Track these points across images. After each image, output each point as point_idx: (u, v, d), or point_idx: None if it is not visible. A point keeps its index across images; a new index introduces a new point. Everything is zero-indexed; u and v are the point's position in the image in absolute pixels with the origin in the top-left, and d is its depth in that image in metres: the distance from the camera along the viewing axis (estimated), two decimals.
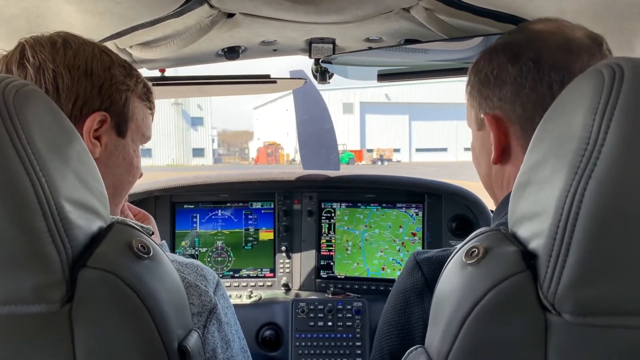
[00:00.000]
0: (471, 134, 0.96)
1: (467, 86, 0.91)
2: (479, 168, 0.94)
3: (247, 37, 1.25)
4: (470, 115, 0.93)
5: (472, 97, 0.90)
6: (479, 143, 0.91)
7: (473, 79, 0.88)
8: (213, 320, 0.77)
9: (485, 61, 0.84)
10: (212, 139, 61.17)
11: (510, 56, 0.80)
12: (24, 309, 0.55)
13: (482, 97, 0.85)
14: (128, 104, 0.86)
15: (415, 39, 1.26)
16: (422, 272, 0.82)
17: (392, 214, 1.81)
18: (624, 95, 0.47)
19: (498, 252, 0.55)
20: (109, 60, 0.83)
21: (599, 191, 0.47)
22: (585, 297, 0.50)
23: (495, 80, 0.82)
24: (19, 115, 0.53)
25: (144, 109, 0.91)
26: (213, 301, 0.78)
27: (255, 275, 1.85)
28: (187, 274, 0.78)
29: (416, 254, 0.84)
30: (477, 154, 0.93)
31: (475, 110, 0.89)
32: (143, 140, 0.93)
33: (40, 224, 0.53)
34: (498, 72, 0.81)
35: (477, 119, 0.89)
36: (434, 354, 0.58)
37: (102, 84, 0.81)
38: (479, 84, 0.85)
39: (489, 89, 0.83)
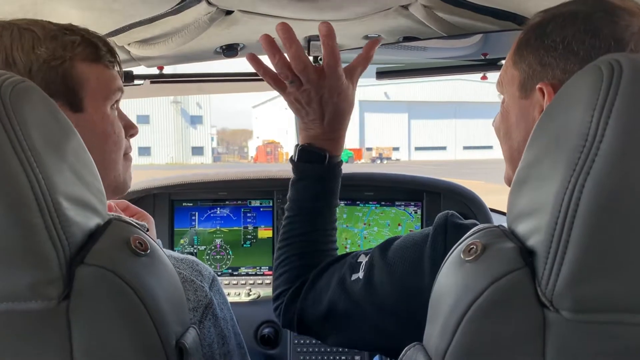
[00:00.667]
0: (505, 100, 0.87)
1: (519, 47, 0.82)
2: (508, 139, 0.87)
3: (245, 35, 1.25)
4: (511, 79, 0.85)
5: (523, 61, 0.81)
6: (518, 112, 0.83)
7: (534, 42, 0.79)
8: (209, 315, 0.77)
9: (556, 26, 0.76)
10: (212, 138, 61.18)
11: (590, 29, 0.73)
12: (20, 306, 0.55)
13: (540, 64, 0.78)
14: (70, 75, 0.79)
15: (414, 36, 1.25)
16: (445, 237, 0.79)
17: (390, 212, 1.81)
18: (622, 92, 0.47)
19: (496, 248, 0.55)
20: (31, 38, 0.77)
21: (597, 188, 0.47)
22: (583, 294, 0.50)
23: (564, 49, 0.75)
24: (15, 112, 0.53)
25: (99, 68, 0.83)
26: (209, 296, 0.77)
27: (254, 273, 1.85)
28: (183, 269, 0.77)
29: (450, 214, 0.82)
30: (512, 124, 0.85)
31: (526, 75, 0.81)
32: (110, 99, 0.85)
33: (37, 220, 0.52)
34: (570, 42, 0.74)
35: (525, 86, 0.81)
36: (432, 351, 0.58)
37: (29, 69, 0.76)
38: (541, 49, 0.78)
39: (553, 57, 0.76)
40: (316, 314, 0.91)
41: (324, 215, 1.01)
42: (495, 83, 0.92)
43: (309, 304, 0.93)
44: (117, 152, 0.87)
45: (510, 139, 0.86)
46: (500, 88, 0.89)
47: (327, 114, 0.97)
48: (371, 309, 0.85)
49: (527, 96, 0.80)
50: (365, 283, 0.85)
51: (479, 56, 1.41)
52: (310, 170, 1.00)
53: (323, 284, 0.92)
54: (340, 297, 0.88)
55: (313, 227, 1.00)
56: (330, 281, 0.90)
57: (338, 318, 0.89)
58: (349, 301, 0.87)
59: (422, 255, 0.81)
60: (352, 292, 0.87)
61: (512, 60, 0.84)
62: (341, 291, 0.88)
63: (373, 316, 0.85)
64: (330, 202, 1.02)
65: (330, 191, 1.01)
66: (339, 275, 0.90)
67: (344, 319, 0.88)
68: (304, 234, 1.00)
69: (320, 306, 0.91)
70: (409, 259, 0.82)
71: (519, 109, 0.83)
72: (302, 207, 1.01)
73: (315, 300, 0.92)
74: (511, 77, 0.84)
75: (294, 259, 0.99)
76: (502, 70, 0.89)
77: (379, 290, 0.84)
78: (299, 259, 0.98)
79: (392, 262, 0.84)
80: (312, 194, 1.00)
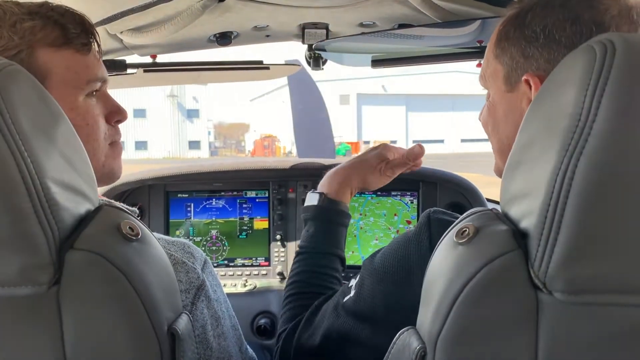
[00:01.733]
0: (490, 95, 0.86)
1: (499, 40, 0.81)
2: (496, 133, 0.86)
3: (239, 22, 1.24)
4: (494, 74, 0.83)
5: (505, 54, 0.80)
6: (506, 106, 0.82)
7: (513, 34, 0.78)
8: (202, 297, 0.76)
9: (535, 16, 0.75)
10: (208, 132, 61.04)
11: (570, 15, 0.72)
12: (10, 291, 0.54)
13: (523, 56, 0.77)
14: (27, 66, 0.70)
15: (409, 23, 1.25)
16: (429, 233, 0.80)
17: (386, 202, 1.81)
18: (615, 71, 0.47)
19: (489, 231, 0.55)
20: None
21: (590, 168, 0.47)
22: (576, 275, 0.49)
23: (545, 39, 0.74)
24: (3, 95, 0.52)
25: (67, 54, 0.77)
26: (201, 278, 0.77)
27: (250, 264, 1.85)
28: (174, 251, 0.77)
29: (432, 210, 0.83)
30: (499, 117, 0.84)
31: (509, 69, 0.79)
32: (83, 89, 0.79)
33: (25, 204, 0.52)
34: (552, 30, 0.73)
35: (510, 79, 0.80)
36: (425, 335, 0.58)
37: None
38: (522, 41, 0.77)
39: (536, 47, 0.75)
40: (313, 347, 0.93)
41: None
42: (478, 77, 0.91)
43: (305, 340, 0.95)
44: (93, 143, 0.81)
45: (499, 132, 0.85)
46: (484, 82, 0.88)
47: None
48: (364, 325, 0.86)
49: (513, 89, 0.80)
50: (355, 299, 0.87)
51: (474, 44, 1.40)
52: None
53: (319, 318, 0.94)
54: (335, 322, 0.89)
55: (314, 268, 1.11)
56: (325, 314, 0.93)
57: (334, 346, 0.90)
58: (344, 323, 0.88)
59: (408, 254, 0.82)
60: (345, 314, 0.88)
61: (493, 53, 0.83)
62: (336, 316, 0.90)
63: (367, 333, 0.86)
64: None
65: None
66: (333, 304, 0.92)
67: (340, 344, 0.89)
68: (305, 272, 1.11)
69: (316, 338, 0.92)
70: (395, 261, 0.83)
71: (506, 102, 0.82)
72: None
73: (311, 335, 0.94)
74: (494, 70, 0.83)
75: (293, 299, 1.07)
76: (483, 64, 0.88)
77: (369, 301, 0.85)
78: (297, 299, 1.06)
79: (379, 269, 0.85)
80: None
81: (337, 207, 1.17)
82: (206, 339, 0.76)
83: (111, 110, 0.86)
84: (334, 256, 1.14)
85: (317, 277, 1.10)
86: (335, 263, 1.14)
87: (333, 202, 1.17)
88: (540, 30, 0.74)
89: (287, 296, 1.10)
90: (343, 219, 1.18)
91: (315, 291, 1.07)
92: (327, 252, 1.13)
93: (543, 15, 0.75)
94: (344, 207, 1.19)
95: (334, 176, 1.22)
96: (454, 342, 0.54)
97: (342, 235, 1.18)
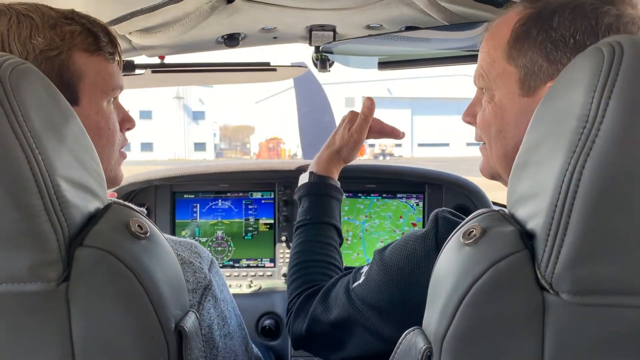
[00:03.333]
0: (496, 96, 0.81)
1: (516, 40, 0.77)
2: (502, 138, 0.81)
3: (246, 24, 1.25)
4: (504, 75, 0.79)
5: (524, 56, 0.75)
6: (519, 110, 0.77)
7: (537, 35, 0.74)
8: (208, 297, 0.77)
9: (564, 19, 0.72)
10: (214, 134, 61.17)
11: (602, 23, 0.69)
12: (20, 288, 0.55)
13: (548, 60, 0.73)
14: (66, 67, 0.77)
15: (416, 26, 1.25)
16: (436, 231, 0.81)
17: (392, 204, 1.81)
18: (623, 73, 0.47)
19: (496, 232, 0.55)
20: (30, 26, 0.75)
21: (597, 170, 0.47)
22: (582, 276, 0.49)
23: (575, 45, 0.70)
24: (15, 93, 0.53)
25: (97, 60, 0.81)
26: (208, 278, 0.77)
27: (255, 265, 1.85)
28: (182, 251, 0.77)
29: (440, 210, 0.85)
30: (509, 121, 0.80)
31: (528, 71, 0.75)
32: (108, 94, 0.84)
33: (36, 201, 0.52)
34: (583, 37, 0.70)
35: (527, 83, 0.76)
36: (431, 335, 0.58)
37: (25, 58, 0.73)
38: (548, 44, 0.72)
39: (564, 52, 0.71)
40: (327, 323, 0.96)
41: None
42: (474, 76, 0.86)
43: (319, 314, 0.97)
44: (110, 147, 0.86)
45: (506, 137, 0.81)
46: (485, 83, 0.83)
47: None
48: (371, 313, 0.87)
49: (531, 94, 0.76)
50: (364, 286, 0.89)
51: None
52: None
53: (333, 296, 0.97)
54: (346, 305, 0.91)
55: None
56: (338, 293, 0.96)
57: (346, 327, 0.92)
58: (354, 307, 0.90)
59: (414, 250, 0.83)
60: (356, 298, 0.90)
61: (505, 54, 0.78)
62: (347, 299, 0.92)
63: (374, 321, 0.87)
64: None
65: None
66: (344, 286, 0.95)
67: (351, 326, 0.91)
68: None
69: (330, 315, 0.95)
70: (402, 256, 0.85)
71: (519, 106, 0.78)
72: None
73: (324, 311, 0.97)
74: (503, 71, 0.79)
75: (298, 268, 1.13)
76: (483, 63, 0.83)
77: (376, 291, 0.86)
78: (301, 268, 1.13)
79: (387, 262, 0.87)
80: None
81: (327, 181, 1.27)
82: (212, 339, 0.77)
83: (123, 118, 0.91)
84: (330, 225, 1.21)
85: (317, 245, 1.17)
86: (331, 232, 1.21)
87: (322, 177, 1.28)
88: (570, 34, 0.71)
89: (292, 267, 1.16)
90: (334, 191, 1.27)
91: (317, 258, 1.14)
92: (323, 222, 1.20)
93: (572, 19, 0.71)
94: (334, 182, 1.29)
95: (319, 157, 1.33)
96: (460, 342, 0.54)
97: (335, 207, 1.26)
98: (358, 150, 1.34)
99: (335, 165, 1.32)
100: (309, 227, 1.20)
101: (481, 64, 0.84)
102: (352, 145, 1.31)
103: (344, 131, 1.33)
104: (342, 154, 1.32)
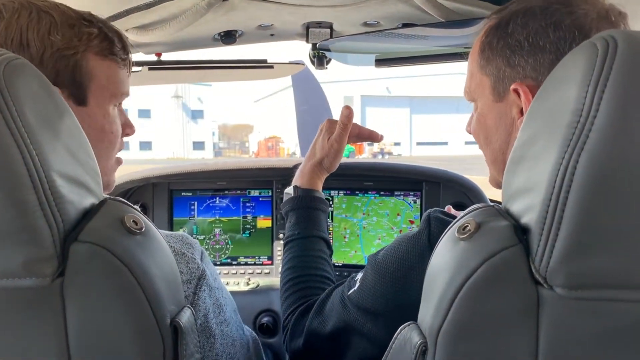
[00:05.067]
0: (479, 106, 0.87)
1: (482, 51, 0.82)
2: (489, 144, 0.86)
3: (243, 21, 1.25)
4: (481, 85, 0.84)
5: (491, 64, 0.81)
6: (495, 116, 0.82)
7: (497, 44, 0.79)
8: (203, 286, 0.77)
9: (517, 25, 0.76)
10: (213, 133, 61.15)
11: (551, 22, 0.74)
12: (14, 283, 0.55)
13: (509, 65, 0.78)
14: (80, 68, 0.78)
15: (413, 23, 1.25)
16: (429, 231, 0.81)
17: (390, 201, 1.81)
18: (617, 67, 0.47)
19: (490, 226, 0.55)
20: (49, 23, 0.75)
21: (592, 163, 0.47)
22: (576, 270, 0.49)
23: (530, 46, 0.75)
24: (9, 88, 0.53)
25: (109, 65, 0.83)
26: (201, 267, 0.78)
27: (253, 262, 1.85)
28: (174, 243, 0.78)
29: (433, 210, 0.85)
30: (489, 128, 0.84)
31: (496, 79, 0.80)
32: (116, 99, 0.85)
33: (30, 197, 0.52)
34: (535, 38, 0.74)
35: (497, 89, 0.81)
36: (426, 330, 0.58)
37: (41, 54, 0.74)
38: (507, 50, 0.78)
39: (521, 56, 0.76)
40: (324, 334, 0.96)
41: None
42: (463, 93, 0.91)
43: (315, 326, 0.98)
44: (111, 151, 0.87)
45: (491, 142, 0.85)
46: (470, 95, 0.89)
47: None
48: (367, 319, 0.88)
49: (502, 99, 0.80)
50: (359, 292, 0.90)
51: None
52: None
53: (329, 307, 0.97)
54: (342, 313, 0.92)
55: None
56: (334, 303, 0.96)
57: (343, 336, 0.93)
58: (349, 315, 0.91)
59: (407, 251, 0.84)
60: (351, 305, 0.91)
61: (478, 65, 0.84)
62: (343, 307, 0.92)
63: (369, 326, 0.88)
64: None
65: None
66: (340, 294, 0.95)
67: (348, 335, 0.92)
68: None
69: (326, 326, 0.95)
70: (396, 258, 0.85)
71: (495, 112, 0.82)
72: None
73: (321, 323, 0.97)
74: (479, 82, 0.84)
75: (290, 285, 1.13)
76: (467, 79, 0.89)
77: (371, 295, 0.87)
78: (294, 284, 1.13)
79: (381, 265, 0.87)
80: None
81: (312, 194, 1.27)
82: (209, 327, 0.77)
83: (125, 123, 0.92)
84: (319, 238, 1.21)
85: (308, 260, 1.17)
86: (321, 245, 1.21)
87: (307, 190, 1.27)
88: (524, 38, 0.76)
89: (284, 283, 1.16)
90: (320, 204, 1.27)
91: (309, 273, 1.14)
92: (312, 236, 1.21)
93: (524, 24, 0.76)
94: (319, 194, 1.28)
95: (302, 169, 1.32)
96: (455, 336, 0.54)
97: (322, 219, 1.26)
98: (339, 159, 1.32)
99: (319, 176, 1.31)
100: (298, 241, 1.20)
101: (466, 79, 0.90)
102: (333, 155, 1.29)
103: (324, 141, 1.31)
104: (324, 164, 1.30)
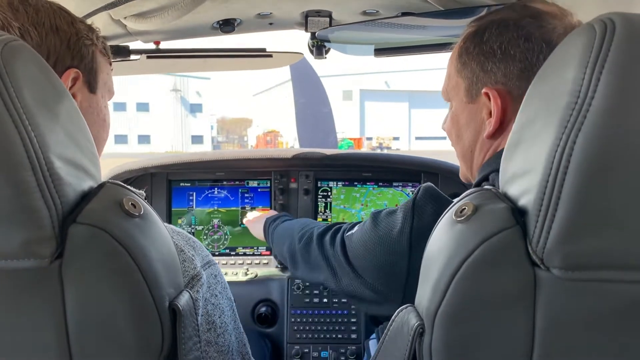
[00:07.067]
0: (453, 105, 0.95)
1: (460, 55, 0.89)
2: (459, 140, 0.95)
3: (242, 9, 1.24)
4: (456, 86, 0.92)
5: (466, 69, 0.88)
6: (467, 116, 0.91)
7: (473, 50, 0.86)
8: (196, 287, 0.75)
9: (492, 34, 0.84)
10: (211, 126, 61.00)
11: (522, 34, 0.81)
12: (13, 264, 0.55)
13: (483, 70, 0.85)
14: (95, 58, 0.85)
15: (412, 11, 1.24)
16: (412, 224, 0.85)
17: (388, 192, 1.81)
18: (614, 49, 0.47)
19: (488, 209, 0.55)
20: (68, 16, 0.82)
21: (588, 144, 0.47)
22: (573, 251, 0.50)
23: (502, 54, 0.82)
24: (7, 69, 0.52)
25: (107, 64, 0.91)
26: (197, 270, 0.76)
27: (251, 253, 1.85)
28: (177, 239, 0.76)
29: (426, 185, 0.90)
30: (461, 126, 0.93)
31: (470, 82, 0.88)
32: (109, 96, 0.93)
33: (29, 178, 0.52)
34: (507, 47, 0.82)
35: (470, 92, 0.89)
36: (423, 311, 0.58)
37: (69, 38, 0.80)
38: (481, 56, 0.85)
39: (493, 62, 0.83)
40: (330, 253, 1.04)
41: None
42: (440, 93, 1.01)
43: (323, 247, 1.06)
44: (105, 142, 0.93)
45: (462, 139, 0.94)
46: (446, 95, 0.98)
47: None
48: (358, 263, 0.95)
49: (474, 100, 0.89)
50: (351, 237, 0.97)
51: None
52: None
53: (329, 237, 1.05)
54: (336, 252, 0.99)
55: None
56: (335, 235, 1.03)
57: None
58: (342, 253, 0.98)
59: (397, 213, 0.90)
60: (341, 246, 0.99)
61: (455, 68, 0.91)
62: (340, 243, 1.00)
63: (349, 274, 0.96)
64: None
65: None
66: (341, 232, 1.02)
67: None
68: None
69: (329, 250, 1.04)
70: (390, 218, 0.91)
71: (467, 112, 0.91)
72: None
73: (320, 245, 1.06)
74: (455, 84, 0.92)
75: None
76: (445, 80, 0.97)
77: (362, 248, 0.93)
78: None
79: (377, 223, 0.93)
80: None
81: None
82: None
83: None
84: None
85: (300, 220, 1.30)
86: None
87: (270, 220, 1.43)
88: (497, 46, 0.83)
89: (279, 239, 1.29)
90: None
91: (303, 221, 1.26)
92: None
93: (499, 33, 0.83)
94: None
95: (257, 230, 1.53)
96: (452, 318, 0.54)
97: None
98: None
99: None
100: (286, 219, 1.36)
101: (444, 80, 0.98)
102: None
103: None
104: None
